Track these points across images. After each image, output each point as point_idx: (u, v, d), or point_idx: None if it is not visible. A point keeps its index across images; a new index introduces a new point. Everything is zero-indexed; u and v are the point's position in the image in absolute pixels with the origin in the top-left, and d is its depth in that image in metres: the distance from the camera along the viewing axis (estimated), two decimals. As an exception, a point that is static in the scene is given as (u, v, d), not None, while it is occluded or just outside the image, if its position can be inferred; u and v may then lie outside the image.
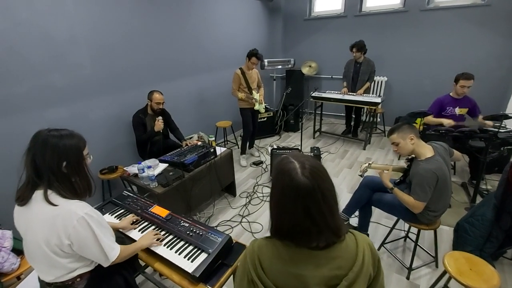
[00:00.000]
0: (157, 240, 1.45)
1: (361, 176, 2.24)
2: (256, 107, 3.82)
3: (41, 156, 1.05)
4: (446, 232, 2.49)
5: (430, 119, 3.18)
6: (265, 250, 0.81)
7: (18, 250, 1.86)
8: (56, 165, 1.06)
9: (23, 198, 1.08)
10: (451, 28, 4.10)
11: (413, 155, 1.94)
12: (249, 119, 3.86)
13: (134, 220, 1.63)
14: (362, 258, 0.77)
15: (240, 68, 3.63)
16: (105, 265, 1.17)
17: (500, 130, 2.55)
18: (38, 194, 1.07)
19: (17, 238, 1.93)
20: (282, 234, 0.80)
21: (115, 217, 1.73)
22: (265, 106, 4.10)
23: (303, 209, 0.73)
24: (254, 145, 4.36)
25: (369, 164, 2.19)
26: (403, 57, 4.63)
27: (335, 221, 0.76)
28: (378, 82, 4.88)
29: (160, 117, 2.89)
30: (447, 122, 2.98)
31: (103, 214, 1.72)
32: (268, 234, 0.85)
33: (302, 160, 0.76)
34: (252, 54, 3.51)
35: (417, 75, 4.59)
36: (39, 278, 1.20)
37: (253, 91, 3.75)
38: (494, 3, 3.75)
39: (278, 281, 0.76)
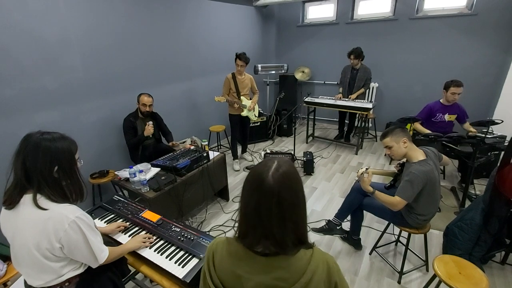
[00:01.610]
0: (147, 244, 1.45)
1: (358, 181, 2.25)
2: (244, 113, 3.74)
3: (32, 160, 1.02)
4: (436, 236, 2.52)
5: (418, 127, 3.25)
6: (220, 247, 0.84)
7: (4, 256, 1.82)
8: (47, 169, 1.04)
9: (11, 202, 1.05)
10: (440, 36, 4.21)
11: (404, 160, 1.97)
12: (235, 125, 3.84)
13: (122, 228, 1.61)
14: (310, 276, 0.73)
15: (233, 73, 3.62)
16: (94, 266, 1.18)
17: (487, 136, 2.61)
18: (27, 198, 1.04)
19: (3, 244, 1.88)
20: (239, 227, 0.80)
21: (105, 222, 1.70)
22: (258, 112, 4.08)
23: (255, 203, 0.74)
24: (247, 150, 4.37)
25: (366, 169, 2.20)
26: (394, 63, 4.72)
27: (282, 234, 0.73)
28: (369, 88, 4.94)
29: (151, 122, 2.86)
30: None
31: (93, 219, 1.69)
32: None
33: (281, 164, 0.76)
34: (237, 56, 3.45)
35: (408, 81, 4.68)
36: (25, 284, 1.17)
37: (242, 97, 3.69)
38: (480, 12, 3.87)
39: (224, 278, 0.80)
